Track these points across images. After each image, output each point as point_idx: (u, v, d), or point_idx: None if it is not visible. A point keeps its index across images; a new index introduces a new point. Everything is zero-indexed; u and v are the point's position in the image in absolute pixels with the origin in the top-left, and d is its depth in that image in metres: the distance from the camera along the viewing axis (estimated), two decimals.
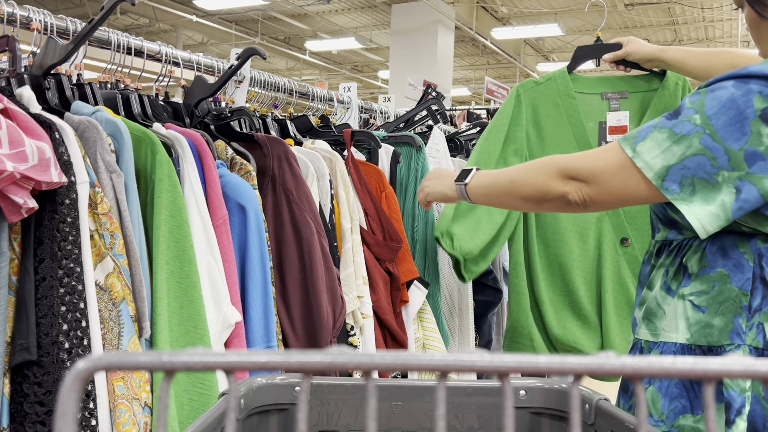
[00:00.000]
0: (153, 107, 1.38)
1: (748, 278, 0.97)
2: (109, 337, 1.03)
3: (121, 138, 1.11)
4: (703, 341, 0.99)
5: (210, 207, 1.22)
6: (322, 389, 0.82)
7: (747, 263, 0.98)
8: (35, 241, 0.98)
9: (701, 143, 0.92)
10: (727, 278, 0.99)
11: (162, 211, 1.12)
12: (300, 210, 1.40)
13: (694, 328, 1.00)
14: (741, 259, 0.98)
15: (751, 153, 0.90)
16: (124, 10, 10.60)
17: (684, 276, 1.03)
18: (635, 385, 0.27)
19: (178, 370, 0.26)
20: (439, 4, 8.68)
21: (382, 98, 3.24)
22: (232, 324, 1.19)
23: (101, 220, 1.04)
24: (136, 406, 1.02)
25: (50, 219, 0.98)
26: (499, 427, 0.82)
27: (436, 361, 0.27)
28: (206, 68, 1.69)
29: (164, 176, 1.13)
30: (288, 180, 1.40)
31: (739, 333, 0.97)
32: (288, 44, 12.63)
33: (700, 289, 1.01)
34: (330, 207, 1.54)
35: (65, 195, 0.99)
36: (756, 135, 0.90)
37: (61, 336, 0.96)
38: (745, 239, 0.98)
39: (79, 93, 1.27)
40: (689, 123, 0.94)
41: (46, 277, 0.97)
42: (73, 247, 0.99)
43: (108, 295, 1.04)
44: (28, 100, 1.08)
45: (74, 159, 1.02)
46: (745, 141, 0.90)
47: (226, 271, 1.22)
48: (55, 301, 0.97)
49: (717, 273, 0.99)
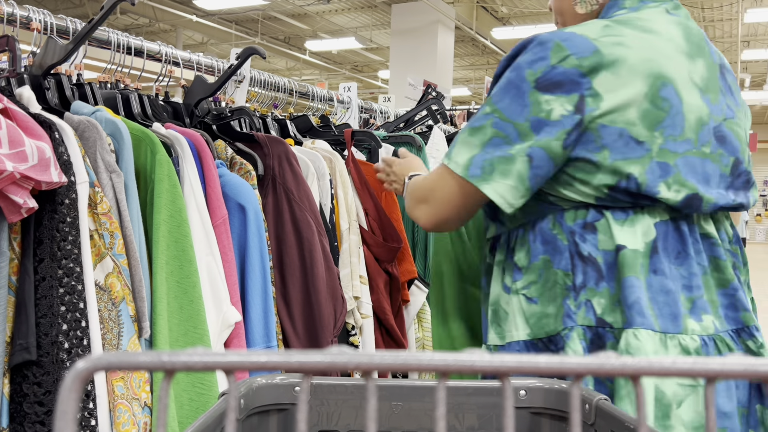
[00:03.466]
0: (153, 107, 1.38)
1: (566, 258, 0.99)
2: (109, 337, 1.03)
3: (121, 138, 1.11)
4: (542, 333, 1.00)
5: (210, 207, 1.22)
6: (322, 389, 0.82)
7: (562, 243, 1.00)
8: (35, 241, 0.98)
9: (493, 127, 0.97)
10: (549, 263, 1.01)
11: (162, 211, 1.12)
12: (300, 209, 1.40)
13: (531, 321, 1.02)
14: (556, 241, 1.00)
15: (535, 121, 0.95)
16: (124, 10, 10.60)
17: (514, 270, 1.05)
18: (635, 385, 0.27)
19: (178, 370, 0.26)
20: (439, 4, 8.68)
21: (382, 98, 3.24)
22: (232, 324, 1.19)
23: (101, 219, 1.03)
24: (136, 407, 1.02)
25: (50, 219, 0.98)
26: (499, 427, 0.82)
27: (436, 361, 0.26)
28: (206, 68, 1.69)
29: (164, 176, 1.13)
30: (288, 179, 1.40)
31: (570, 315, 0.98)
32: (288, 44, 12.63)
33: (529, 281, 1.03)
34: (330, 206, 1.55)
35: (65, 195, 0.99)
36: (535, 104, 0.95)
37: (61, 336, 0.96)
38: (557, 221, 1.01)
39: (79, 93, 1.27)
40: (482, 115, 1.00)
41: (45, 277, 0.97)
42: (73, 247, 0.99)
43: (108, 295, 1.04)
44: (27, 100, 1.08)
45: (74, 159, 1.02)
46: (528, 112, 0.95)
47: (226, 271, 1.22)
48: (55, 301, 0.96)
49: (540, 260, 1.02)
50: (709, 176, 1.00)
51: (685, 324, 0.95)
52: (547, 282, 1.01)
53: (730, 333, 0.98)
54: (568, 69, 0.94)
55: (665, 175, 0.96)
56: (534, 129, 0.95)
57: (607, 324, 0.96)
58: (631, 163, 0.95)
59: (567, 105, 0.94)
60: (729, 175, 1.04)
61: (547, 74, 0.95)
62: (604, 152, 0.95)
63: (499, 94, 0.99)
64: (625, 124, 0.94)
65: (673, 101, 0.97)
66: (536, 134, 0.95)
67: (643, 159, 0.95)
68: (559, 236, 1.00)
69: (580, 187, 0.98)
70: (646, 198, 0.96)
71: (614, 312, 0.96)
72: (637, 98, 0.95)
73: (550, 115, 0.95)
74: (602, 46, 0.95)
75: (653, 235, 0.97)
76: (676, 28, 1.03)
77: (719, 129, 1.02)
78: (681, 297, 0.96)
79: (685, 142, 0.97)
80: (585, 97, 0.94)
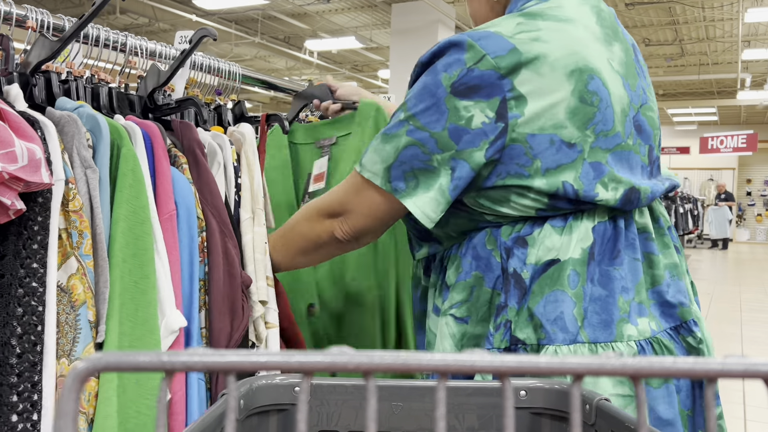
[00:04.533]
0: (119, 100, 1.35)
1: (498, 275, 0.94)
2: (62, 342, 0.96)
3: (100, 133, 1.08)
4: None
5: (158, 201, 1.13)
6: (322, 389, 0.82)
7: (495, 260, 0.94)
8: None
9: (408, 135, 0.91)
10: (481, 280, 0.95)
11: (122, 206, 1.05)
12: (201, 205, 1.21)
13: (460, 344, 0.95)
14: (490, 258, 0.94)
15: (453, 129, 0.88)
16: (124, 9, 10.59)
17: (444, 290, 0.99)
18: (635, 386, 0.27)
19: (178, 370, 0.26)
20: (440, 4, 8.68)
21: (382, 98, 3.24)
22: (176, 330, 1.09)
23: (71, 217, 0.99)
24: (82, 421, 0.96)
25: (19, 216, 0.94)
26: (499, 427, 0.81)
27: (436, 361, 0.26)
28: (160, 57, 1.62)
29: (128, 171, 1.07)
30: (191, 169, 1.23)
31: (489, 337, 0.92)
32: (288, 44, 12.63)
33: (458, 299, 0.96)
34: (236, 199, 1.31)
35: (38, 193, 0.95)
36: (453, 110, 0.88)
37: (14, 339, 0.91)
38: (493, 236, 0.95)
39: (65, 89, 1.26)
40: (396, 122, 0.94)
41: (5, 274, 0.93)
42: (39, 248, 0.94)
43: (68, 297, 0.98)
44: (14, 97, 1.07)
45: (54, 157, 0.99)
46: (445, 120, 0.89)
47: (172, 271, 1.11)
48: (12, 301, 0.92)
49: (473, 277, 0.95)
50: (635, 168, 0.97)
51: (619, 330, 0.90)
52: (477, 301, 0.95)
53: (669, 332, 0.94)
54: (485, 71, 0.87)
55: (599, 175, 0.91)
56: (453, 138, 0.89)
57: (520, 341, 0.91)
58: (563, 170, 0.89)
59: (488, 111, 0.88)
60: (648, 164, 1.01)
61: (462, 78, 0.88)
62: (536, 163, 0.89)
63: (414, 100, 0.92)
64: (554, 129, 0.88)
65: (602, 94, 0.90)
66: (457, 144, 0.89)
67: (575, 163, 0.89)
68: (494, 252, 0.94)
69: (516, 203, 0.92)
70: (585, 203, 0.91)
71: (527, 328, 0.91)
72: (564, 96, 0.88)
73: (470, 123, 0.88)
74: (519, 43, 0.88)
75: (590, 241, 0.92)
76: (590, 12, 0.97)
77: (637, 118, 0.98)
78: (619, 300, 0.91)
79: (615, 136, 0.92)
80: (507, 100, 0.87)
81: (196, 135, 1.27)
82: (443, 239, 1.01)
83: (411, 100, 0.93)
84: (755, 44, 11.92)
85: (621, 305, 0.91)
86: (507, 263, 0.93)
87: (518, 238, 0.93)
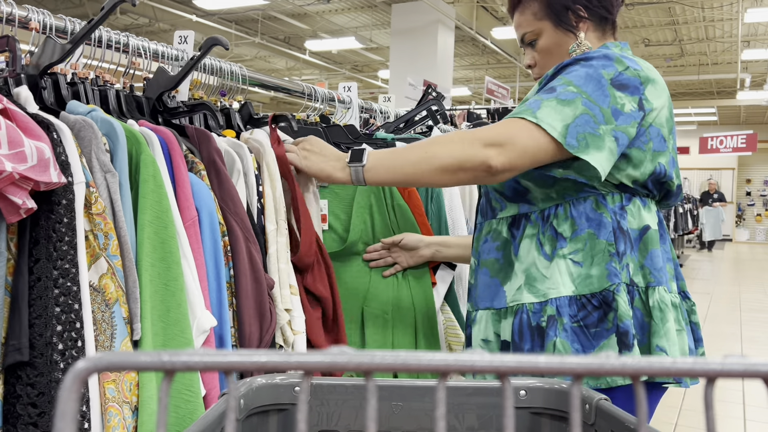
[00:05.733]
0: (127, 103, 1.35)
1: (610, 231, 1.22)
2: (102, 338, 1.01)
3: (116, 137, 1.10)
4: (586, 290, 1.20)
5: (180, 207, 1.17)
6: (322, 389, 0.82)
7: (606, 219, 1.22)
8: (31, 241, 0.97)
9: (583, 105, 1.15)
10: (594, 236, 1.22)
11: (147, 212, 1.09)
12: (223, 213, 1.25)
13: (577, 281, 1.21)
14: (602, 219, 1.22)
15: (614, 109, 1.16)
16: (124, 10, 10.59)
17: (558, 240, 1.24)
18: (635, 385, 0.27)
19: (179, 370, 0.26)
20: (439, 4, 8.68)
21: (382, 98, 3.23)
22: (207, 330, 1.14)
23: (95, 220, 1.02)
24: (126, 410, 1.00)
25: (47, 219, 0.97)
26: (499, 427, 0.81)
27: (436, 362, 0.26)
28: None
29: (149, 176, 1.10)
30: (212, 180, 1.27)
31: (616, 274, 1.20)
32: (288, 44, 12.63)
33: (575, 248, 1.23)
34: (258, 206, 1.35)
35: (62, 195, 0.98)
36: (613, 97, 1.17)
37: (55, 337, 0.95)
38: (601, 203, 1.23)
39: (72, 91, 1.26)
40: (569, 92, 1.16)
41: (41, 277, 0.96)
42: (69, 248, 0.98)
43: (101, 296, 1.02)
44: (25, 99, 1.08)
45: (71, 159, 1.01)
46: (609, 101, 1.16)
47: (199, 274, 1.17)
48: (50, 302, 0.95)
49: (586, 233, 1.23)
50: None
51: (671, 286, 1.26)
52: (591, 250, 1.21)
53: (679, 294, 1.28)
54: (631, 77, 1.19)
55: (673, 166, 1.27)
56: (614, 116, 1.16)
57: (635, 284, 1.21)
58: (661, 155, 1.23)
59: (633, 103, 1.18)
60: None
61: (617, 77, 1.18)
62: (650, 144, 1.21)
63: (583, 81, 1.17)
64: (660, 126, 1.23)
65: (672, 117, 1.29)
66: (616, 120, 1.16)
67: (666, 152, 1.24)
68: (605, 214, 1.22)
69: (630, 171, 1.21)
70: (662, 186, 1.25)
71: (638, 275, 1.21)
72: (664, 108, 1.24)
73: (624, 108, 1.17)
74: (643, 66, 1.23)
75: (657, 219, 1.27)
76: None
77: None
78: (667, 267, 1.26)
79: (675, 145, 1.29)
80: (642, 100, 1.19)
81: (215, 144, 1.30)
82: (539, 200, 1.26)
83: (579, 79, 1.17)
84: (755, 44, 11.92)
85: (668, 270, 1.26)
86: (620, 223, 1.22)
87: (621, 206, 1.23)
